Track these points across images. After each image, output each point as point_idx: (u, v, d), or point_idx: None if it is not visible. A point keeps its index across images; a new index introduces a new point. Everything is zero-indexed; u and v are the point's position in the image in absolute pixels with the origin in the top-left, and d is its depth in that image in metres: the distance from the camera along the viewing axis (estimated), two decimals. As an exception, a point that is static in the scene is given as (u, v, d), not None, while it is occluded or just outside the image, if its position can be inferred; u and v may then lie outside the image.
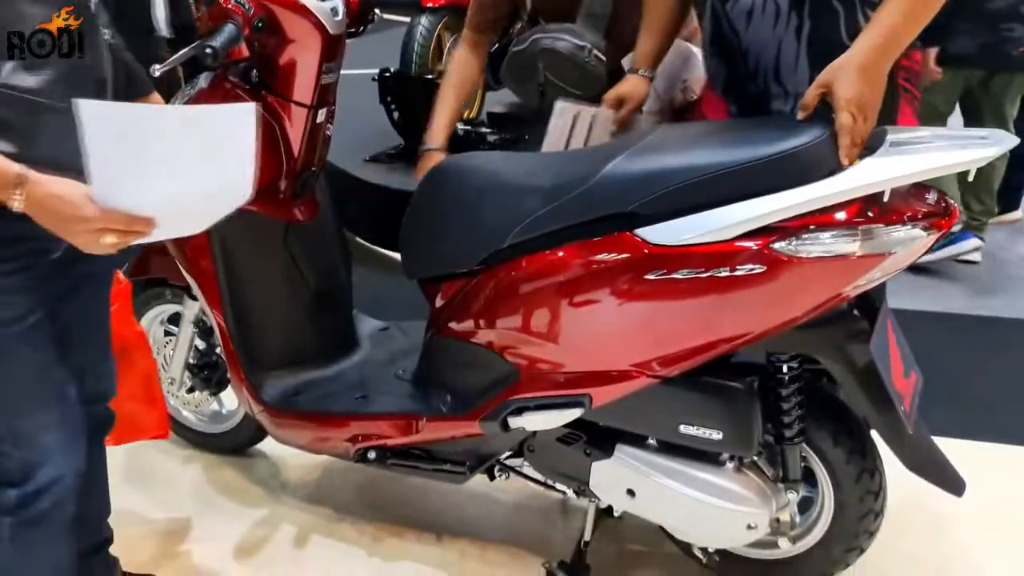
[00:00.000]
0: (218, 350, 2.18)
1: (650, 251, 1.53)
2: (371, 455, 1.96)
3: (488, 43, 2.32)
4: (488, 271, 1.73)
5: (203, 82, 1.95)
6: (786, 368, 1.66)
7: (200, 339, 2.29)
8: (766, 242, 1.46)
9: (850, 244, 1.43)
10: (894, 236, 1.44)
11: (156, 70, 1.62)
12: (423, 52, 5.23)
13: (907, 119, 1.72)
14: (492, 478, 2.01)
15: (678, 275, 1.51)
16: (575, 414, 1.70)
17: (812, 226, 1.44)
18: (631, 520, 1.88)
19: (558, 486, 1.93)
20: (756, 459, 1.73)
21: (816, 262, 1.44)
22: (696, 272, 1.50)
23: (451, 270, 1.81)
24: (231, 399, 2.33)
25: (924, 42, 1.63)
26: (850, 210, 1.44)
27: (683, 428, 1.65)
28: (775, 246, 1.45)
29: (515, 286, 1.69)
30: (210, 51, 1.69)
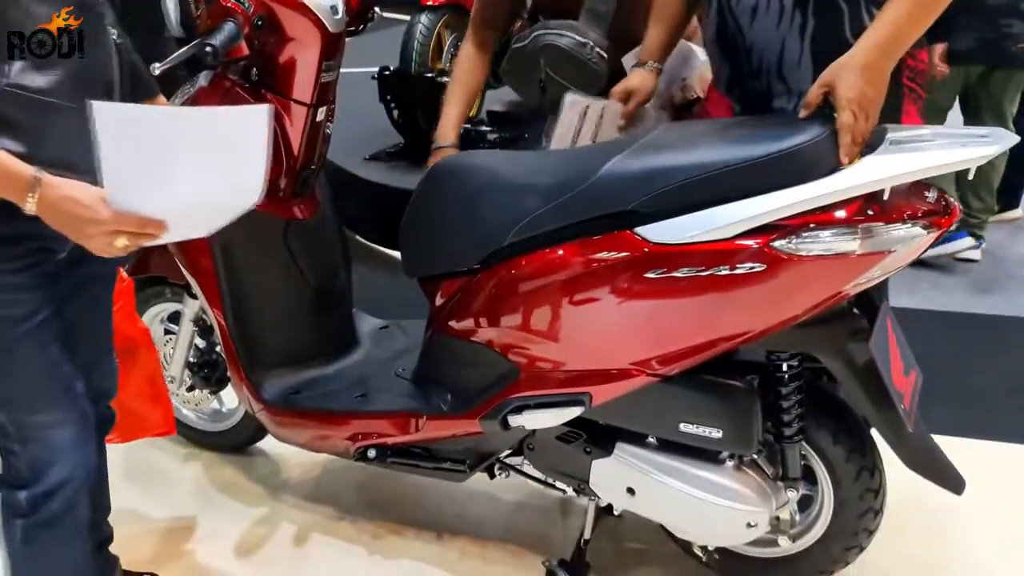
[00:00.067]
0: (218, 348, 2.18)
1: (650, 249, 1.53)
2: (371, 453, 1.96)
3: (494, 40, 2.30)
4: (488, 270, 1.73)
5: (203, 80, 1.95)
6: (786, 366, 1.66)
7: (200, 337, 2.29)
8: (766, 240, 1.46)
9: (850, 242, 1.43)
10: (894, 234, 1.44)
11: (156, 68, 1.62)
12: (423, 50, 5.22)
13: (911, 118, 1.72)
14: (492, 476, 2.01)
15: (678, 273, 1.51)
16: (575, 412, 1.70)
17: (812, 224, 1.44)
18: (631, 518, 1.89)
19: (558, 484, 1.93)
20: (756, 457, 1.73)
21: (816, 260, 1.44)
22: (696, 270, 1.50)
23: (451, 268, 1.81)
24: (231, 397, 2.33)
25: (931, 39, 1.62)
26: (850, 208, 1.44)
27: (683, 426, 1.65)
28: (775, 244, 1.45)
29: (515, 285, 1.68)
30: (210, 49, 1.69)
